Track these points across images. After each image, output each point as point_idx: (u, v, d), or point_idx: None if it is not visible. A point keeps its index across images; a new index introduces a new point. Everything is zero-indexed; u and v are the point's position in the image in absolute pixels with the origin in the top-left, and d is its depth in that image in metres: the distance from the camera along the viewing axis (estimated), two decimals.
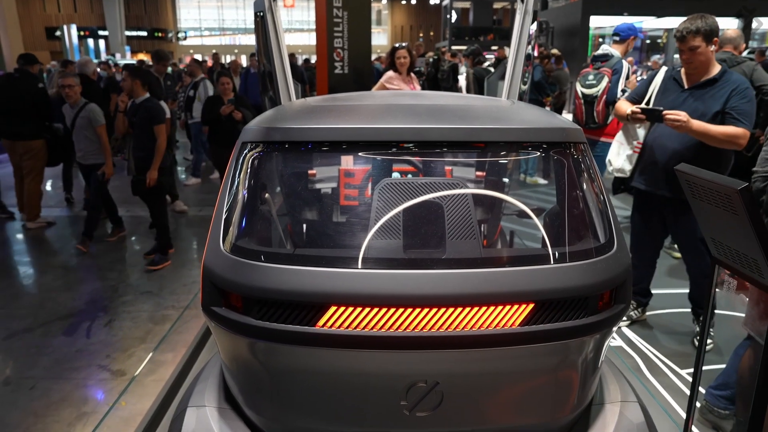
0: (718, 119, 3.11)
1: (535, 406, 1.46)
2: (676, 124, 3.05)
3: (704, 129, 3.04)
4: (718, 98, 3.13)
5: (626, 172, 3.68)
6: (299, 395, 1.41)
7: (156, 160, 4.75)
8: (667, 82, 3.42)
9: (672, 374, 3.27)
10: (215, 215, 1.48)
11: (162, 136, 4.78)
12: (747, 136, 3.05)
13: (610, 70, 5.19)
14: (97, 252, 5.35)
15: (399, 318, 1.26)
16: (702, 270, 3.39)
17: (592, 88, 5.26)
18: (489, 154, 1.83)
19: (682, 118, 3.02)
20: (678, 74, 3.35)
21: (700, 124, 3.05)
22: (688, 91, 3.26)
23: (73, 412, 2.89)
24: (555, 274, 1.32)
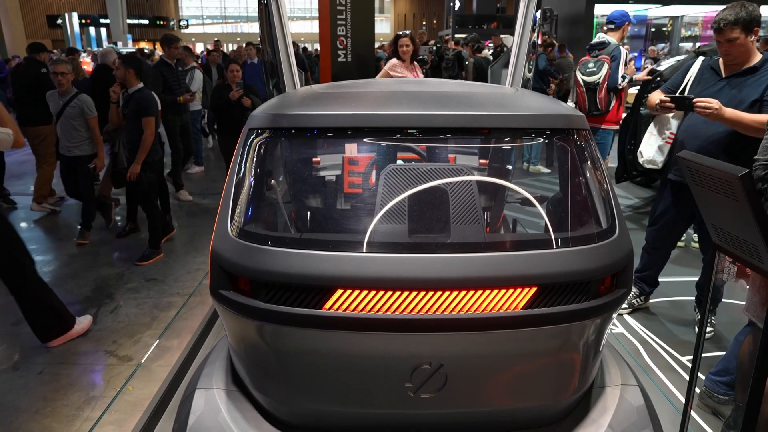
0: (755, 108, 2.99)
1: (537, 388, 1.49)
2: (706, 112, 2.93)
3: (737, 117, 2.92)
4: (756, 86, 3.00)
5: (658, 164, 3.58)
6: (306, 377, 1.44)
7: (140, 154, 4.54)
8: (704, 71, 3.31)
9: (672, 361, 3.30)
10: (222, 200, 1.50)
11: (149, 128, 4.55)
12: None
13: (609, 57, 5.24)
14: (102, 240, 5.39)
15: (404, 301, 1.29)
16: None
17: (593, 75, 5.29)
18: (493, 140, 1.84)
19: (714, 106, 2.90)
20: (716, 63, 3.24)
21: (732, 112, 2.92)
22: (725, 79, 3.14)
23: (82, 396, 2.94)
24: (557, 259, 1.35)
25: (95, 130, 4.98)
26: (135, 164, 4.56)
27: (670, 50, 20.16)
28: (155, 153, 4.77)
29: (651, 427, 1.57)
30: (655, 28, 23.03)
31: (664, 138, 3.52)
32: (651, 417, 1.60)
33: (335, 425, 1.53)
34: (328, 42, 5.50)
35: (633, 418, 1.58)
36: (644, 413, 1.60)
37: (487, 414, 1.52)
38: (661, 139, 3.55)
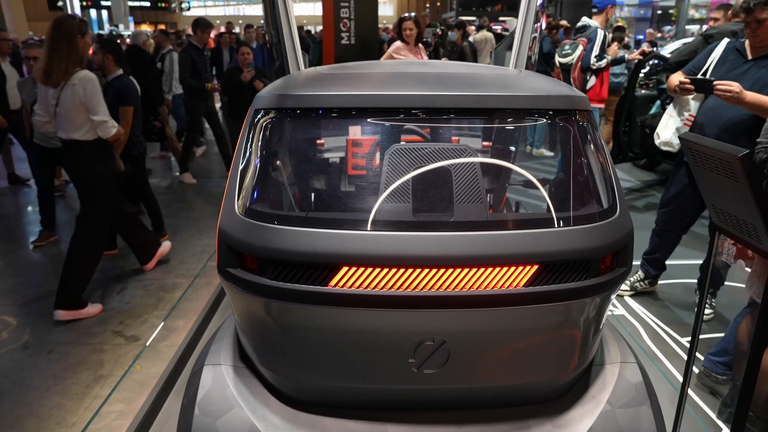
0: None
1: (537, 364, 1.52)
2: (727, 95, 2.86)
3: (759, 101, 2.83)
4: None
5: (674, 146, 3.53)
6: (312, 353, 1.47)
7: (116, 147, 3.92)
8: (729, 53, 3.22)
9: (672, 342, 3.34)
10: (229, 180, 1.52)
11: (125, 119, 4.11)
12: None
13: (586, 39, 5.45)
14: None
15: (408, 278, 1.31)
16: None
17: (568, 57, 5.59)
18: (496, 121, 1.86)
19: (734, 89, 2.82)
20: (741, 45, 3.16)
21: (753, 96, 2.84)
22: (751, 62, 3.06)
23: (91, 374, 3.00)
24: (559, 237, 1.37)
25: None
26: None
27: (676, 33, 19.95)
28: (138, 145, 4.48)
29: (649, 403, 1.61)
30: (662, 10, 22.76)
31: (683, 120, 3.46)
32: (649, 394, 1.64)
33: (340, 400, 1.57)
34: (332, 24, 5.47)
35: (631, 394, 1.61)
36: (642, 390, 1.63)
37: (489, 389, 1.55)
38: (680, 121, 3.50)
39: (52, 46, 3.27)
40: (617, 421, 1.54)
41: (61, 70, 3.28)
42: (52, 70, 3.29)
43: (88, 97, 3.34)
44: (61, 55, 3.27)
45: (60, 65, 3.27)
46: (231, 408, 1.53)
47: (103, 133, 3.49)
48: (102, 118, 3.44)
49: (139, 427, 2.55)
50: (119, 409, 2.71)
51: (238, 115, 5.61)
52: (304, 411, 1.56)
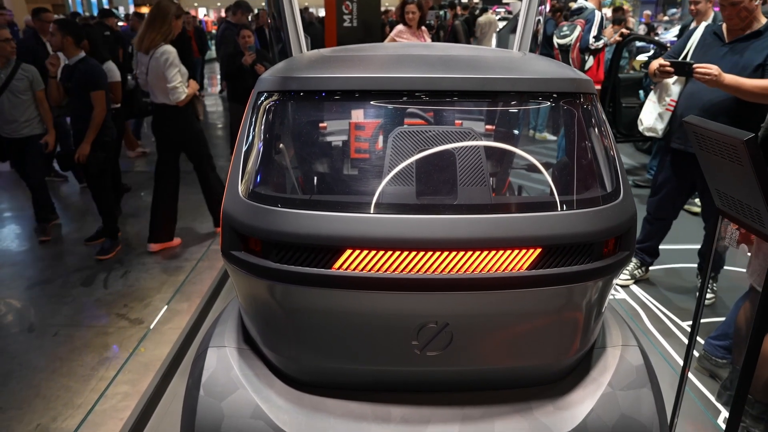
0: (758, 73, 2.95)
1: (540, 347, 1.53)
2: (706, 78, 2.90)
3: (737, 83, 2.89)
4: (760, 51, 2.95)
5: (658, 132, 3.55)
6: (315, 335, 1.48)
7: (89, 133, 4.02)
8: (707, 36, 3.25)
9: (673, 325, 3.36)
10: (233, 163, 1.52)
11: (99, 104, 4.03)
12: None
13: (584, 21, 5.52)
14: None
15: (411, 261, 1.32)
16: None
17: (566, 38, 5.69)
18: (500, 104, 1.85)
19: (713, 72, 2.87)
20: (719, 29, 3.19)
21: (732, 79, 2.89)
22: (729, 45, 3.10)
23: (96, 357, 3.03)
24: (562, 221, 1.37)
25: (44, 104, 4.41)
26: (84, 144, 4.03)
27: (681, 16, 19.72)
28: (109, 132, 4.26)
29: (649, 386, 1.62)
30: None
31: (664, 105, 3.49)
32: (650, 376, 1.65)
33: (343, 382, 1.59)
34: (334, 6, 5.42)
35: (632, 377, 1.62)
36: (643, 373, 1.64)
37: (492, 372, 1.57)
38: (661, 106, 3.52)
39: (150, 20, 3.98)
40: (618, 402, 1.55)
41: (151, 39, 3.94)
42: (144, 38, 3.97)
43: (165, 66, 3.90)
44: (154, 28, 3.94)
45: (151, 35, 3.94)
46: (235, 389, 1.55)
47: (173, 97, 3.97)
48: (173, 84, 3.93)
49: (145, 409, 2.58)
50: (124, 391, 2.75)
51: (239, 98, 5.54)
52: (307, 392, 1.58)
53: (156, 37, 3.94)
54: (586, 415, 1.53)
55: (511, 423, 1.52)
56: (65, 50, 4.05)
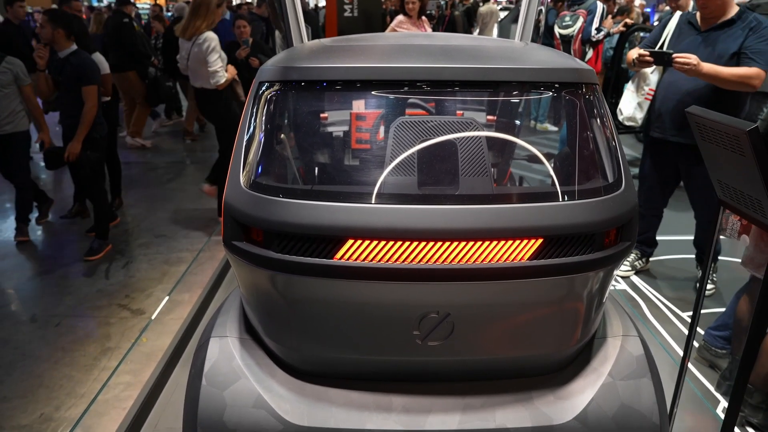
0: (734, 61, 3.02)
1: (541, 337, 1.53)
2: (685, 68, 2.97)
3: (715, 72, 2.96)
4: (734, 39, 3.03)
5: (637, 121, 3.60)
6: (317, 325, 1.49)
7: (80, 130, 3.88)
8: (682, 26, 3.32)
9: (673, 316, 3.37)
10: (234, 153, 1.52)
11: (91, 99, 3.89)
12: (762, 76, 2.94)
13: (585, 11, 5.56)
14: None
15: (413, 251, 1.32)
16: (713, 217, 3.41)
17: (568, 28, 5.81)
18: (502, 94, 1.84)
19: (692, 61, 2.94)
20: (693, 17, 3.25)
21: (710, 67, 2.97)
22: (704, 33, 3.16)
23: (98, 347, 3.04)
24: (563, 211, 1.37)
25: (32, 100, 4.19)
26: (74, 142, 3.89)
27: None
28: (100, 128, 4.10)
29: (650, 375, 1.63)
30: None
31: (643, 94, 3.53)
32: (650, 366, 1.66)
33: (345, 371, 1.59)
34: None
35: (632, 366, 1.63)
36: (644, 362, 1.65)
37: (493, 362, 1.57)
38: (639, 95, 3.55)
39: (194, 8, 4.21)
40: (618, 392, 1.56)
41: (195, 27, 4.17)
42: (189, 27, 4.20)
43: (206, 52, 4.12)
44: (197, 15, 4.17)
45: (195, 23, 4.18)
46: (238, 379, 1.56)
47: (213, 81, 4.18)
48: (214, 68, 4.14)
49: (147, 398, 2.59)
50: (127, 381, 2.76)
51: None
52: (309, 382, 1.59)
53: (200, 25, 4.17)
54: (587, 405, 1.54)
55: (511, 412, 1.52)
56: (56, 43, 3.92)
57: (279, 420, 1.48)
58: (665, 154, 3.44)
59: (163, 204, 5.25)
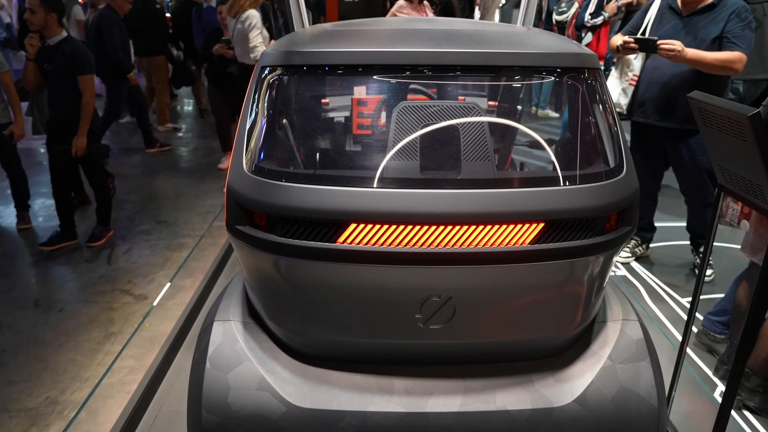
0: (716, 45, 3.07)
1: (541, 321, 1.55)
2: (670, 54, 3.02)
3: (698, 57, 3.02)
4: (716, 23, 3.08)
5: (622, 107, 3.62)
6: (320, 308, 1.50)
7: (84, 122, 3.76)
8: (663, 11, 3.34)
9: (672, 302, 3.39)
10: (237, 138, 1.53)
11: (89, 89, 3.73)
12: (743, 60, 3.01)
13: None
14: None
15: (415, 235, 1.33)
16: (704, 199, 3.44)
17: (563, 14, 5.90)
18: (504, 78, 1.84)
19: (677, 48, 2.98)
20: (674, 2, 3.27)
21: (694, 53, 3.02)
22: (685, 18, 3.20)
23: (102, 332, 3.07)
24: (565, 196, 1.37)
25: (10, 89, 3.92)
26: (79, 136, 3.79)
27: None
28: (96, 118, 4.01)
29: (648, 359, 1.64)
30: None
31: (627, 80, 3.55)
32: (649, 350, 1.67)
33: (348, 354, 1.61)
34: None
35: (632, 350, 1.65)
36: (643, 346, 1.66)
37: (494, 345, 1.59)
38: (624, 81, 3.57)
39: None
40: (617, 375, 1.58)
41: (240, 5, 4.58)
42: (234, 5, 4.63)
43: (248, 29, 4.50)
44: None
45: (240, 2, 4.59)
46: (241, 362, 1.57)
47: (252, 55, 4.61)
48: (254, 44, 4.56)
49: (151, 382, 2.62)
50: (131, 365, 2.79)
51: (214, 81, 5.34)
52: (312, 365, 1.60)
53: (245, 4, 4.59)
54: (586, 388, 1.55)
55: (512, 395, 1.54)
56: (48, 29, 3.71)
57: (282, 402, 1.50)
58: (651, 139, 3.48)
59: (164, 190, 5.26)
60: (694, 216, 3.57)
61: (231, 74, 5.12)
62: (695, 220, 3.57)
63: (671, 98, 3.27)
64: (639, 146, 3.58)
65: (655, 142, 3.48)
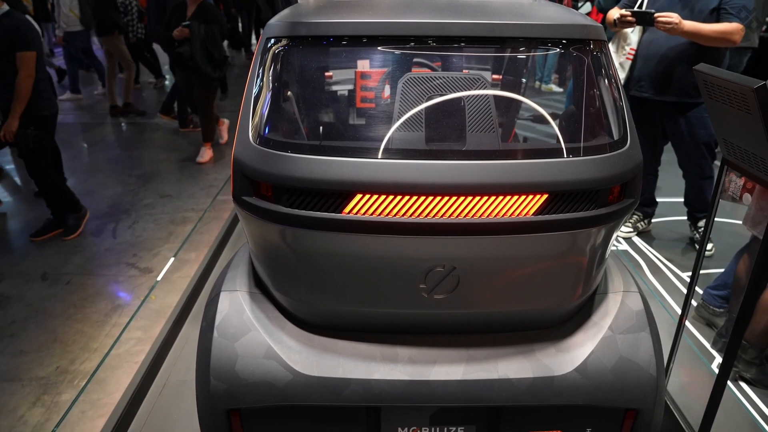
0: (713, 17, 3.04)
1: (544, 291, 1.57)
2: (667, 27, 2.99)
3: (696, 29, 2.99)
4: None
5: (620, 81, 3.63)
6: (325, 278, 1.52)
7: (16, 105, 3.32)
8: None
9: (672, 276, 3.42)
10: (242, 109, 1.53)
11: (26, 67, 3.30)
12: (742, 31, 2.98)
13: None
14: (115, 157, 5.45)
15: (420, 206, 1.34)
16: (702, 173, 3.44)
17: None
18: (509, 50, 1.83)
19: (674, 20, 2.96)
20: None
21: (692, 25, 2.99)
22: None
23: (108, 304, 3.11)
24: (568, 167, 1.38)
25: None
26: (11, 119, 3.35)
27: None
28: (49, 105, 3.53)
29: (648, 330, 1.67)
30: None
31: (624, 54, 3.51)
32: (649, 321, 1.70)
33: (353, 324, 1.64)
34: None
35: (632, 321, 1.67)
36: (643, 317, 1.69)
37: (496, 315, 1.62)
38: (621, 56, 3.54)
39: None
40: (617, 345, 1.61)
41: None
42: None
43: None
44: None
45: None
46: (248, 331, 1.60)
47: None
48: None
49: (158, 353, 2.67)
50: (138, 336, 2.84)
51: (181, 64, 4.92)
52: (317, 334, 1.63)
53: None
54: (587, 357, 1.58)
55: (514, 363, 1.57)
56: None
57: (289, 370, 1.53)
58: (649, 113, 3.47)
59: (166, 165, 5.26)
60: (692, 190, 3.58)
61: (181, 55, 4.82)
62: (693, 193, 3.59)
63: (668, 72, 3.25)
64: (637, 121, 3.54)
65: (654, 117, 3.47)
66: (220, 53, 5.00)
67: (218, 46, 4.97)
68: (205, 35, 4.82)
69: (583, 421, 1.64)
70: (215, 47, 4.92)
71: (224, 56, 5.11)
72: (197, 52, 4.80)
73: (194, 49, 4.79)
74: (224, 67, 5.20)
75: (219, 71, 5.07)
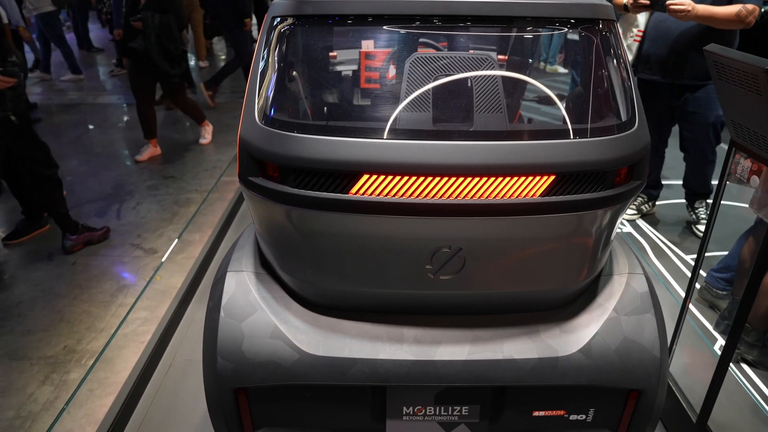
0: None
1: (549, 273, 1.57)
2: (680, 15, 2.95)
3: (710, 13, 2.95)
4: None
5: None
6: (332, 259, 1.53)
7: None
8: None
9: (676, 258, 3.42)
10: (248, 89, 1.52)
11: None
12: (756, 12, 2.93)
13: None
14: (117, 139, 5.44)
15: (427, 186, 1.34)
16: (705, 156, 3.42)
17: None
18: (516, 29, 1.81)
19: (686, 7, 2.92)
20: None
21: (705, 9, 2.94)
22: None
23: (114, 284, 3.13)
24: (576, 149, 1.37)
25: None
26: None
27: None
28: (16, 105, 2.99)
29: (653, 311, 1.67)
30: None
31: (632, 36, 3.47)
32: (653, 303, 1.70)
33: (358, 304, 1.65)
34: None
35: (637, 303, 1.68)
36: (647, 299, 1.69)
37: (502, 296, 1.62)
38: (628, 38, 3.49)
39: None
40: (622, 327, 1.62)
41: None
42: None
43: None
44: None
45: None
46: (254, 311, 1.61)
47: None
48: None
49: (164, 333, 2.70)
50: (144, 317, 2.86)
51: (131, 54, 4.49)
52: (323, 314, 1.64)
53: None
54: (591, 338, 1.59)
55: (518, 344, 1.58)
56: None
57: (295, 350, 1.55)
58: (657, 95, 3.44)
59: (169, 146, 5.25)
60: (692, 172, 3.57)
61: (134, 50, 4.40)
62: (694, 176, 3.58)
63: (677, 54, 3.22)
64: (644, 103, 3.51)
65: (661, 99, 3.44)
66: (177, 47, 4.49)
67: (174, 40, 4.46)
68: (160, 27, 4.31)
69: (586, 402, 1.65)
70: (171, 41, 4.41)
71: (182, 50, 4.61)
72: (152, 47, 4.30)
73: (149, 43, 4.29)
74: (183, 63, 4.70)
75: (178, 67, 4.59)
